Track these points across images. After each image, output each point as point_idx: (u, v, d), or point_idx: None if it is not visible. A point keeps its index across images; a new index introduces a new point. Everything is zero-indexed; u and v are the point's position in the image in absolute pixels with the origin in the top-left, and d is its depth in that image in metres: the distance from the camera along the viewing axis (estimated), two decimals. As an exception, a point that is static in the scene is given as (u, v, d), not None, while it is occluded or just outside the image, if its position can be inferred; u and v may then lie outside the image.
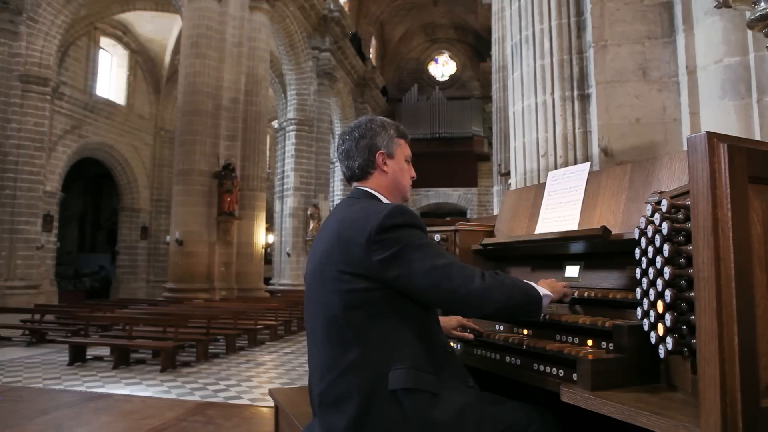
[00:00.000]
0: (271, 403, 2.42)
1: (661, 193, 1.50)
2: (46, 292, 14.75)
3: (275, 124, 21.83)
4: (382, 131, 1.71)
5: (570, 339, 1.69)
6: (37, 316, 10.36)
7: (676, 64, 2.84)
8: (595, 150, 2.98)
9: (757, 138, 2.34)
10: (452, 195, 28.86)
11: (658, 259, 1.28)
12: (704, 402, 1.04)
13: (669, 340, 1.23)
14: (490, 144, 18.75)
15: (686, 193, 1.28)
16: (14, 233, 14.02)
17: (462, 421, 1.41)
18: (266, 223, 16.22)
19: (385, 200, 1.66)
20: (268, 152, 18.95)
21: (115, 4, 18.40)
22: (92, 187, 23.83)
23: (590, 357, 1.43)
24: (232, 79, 14.34)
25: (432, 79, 32.55)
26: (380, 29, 31.03)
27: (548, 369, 1.58)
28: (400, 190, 1.72)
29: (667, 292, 1.23)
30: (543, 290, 1.60)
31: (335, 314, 1.48)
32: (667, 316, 1.23)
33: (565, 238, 1.88)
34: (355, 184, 1.72)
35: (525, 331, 1.90)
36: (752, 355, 1.03)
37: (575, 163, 3.08)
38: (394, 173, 1.70)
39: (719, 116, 2.52)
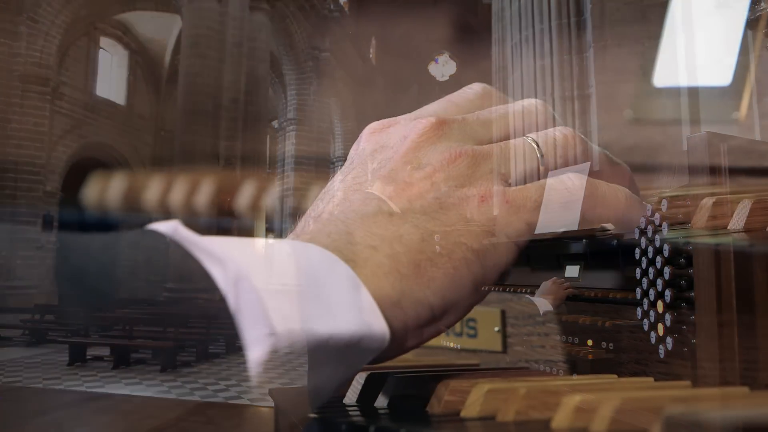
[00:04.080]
0: (271, 403, 2.42)
1: (661, 193, 1.50)
2: (46, 292, 14.75)
3: (275, 124, 21.83)
4: None
5: (570, 339, 1.69)
6: (37, 316, 10.36)
7: (676, 64, 2.84)
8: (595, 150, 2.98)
9: (757, 138, 2.34)
10: (452, 195, 28.84)
11: (658, 258, 1.28)
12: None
13: (669, 340, 1.23)
14: (490, 144, 18.73)
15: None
16: (14, 233, 14.02)
17: None
18: (266, 223, 16.21)
19: None
20: (268, 152, 18.95)
21: (115, 4, 18.39)
22: (92, 187, 23.82)
23: (590, 357, 1.43)
24: (232, 79, 14.34)
25: (432, 79, 32.55)
26: (380, 29, 31.03)
27: (548, 369, 1.58)
28: None
29: (667, 292, 1.23)
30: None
31: None
32: (667, 316, 1.23)
33: (565, 237, 1.88)
34: None
35: (525, 331, 1.90)
36: (752, 355, 1.03)
37: (575, 163, 3.08)
38: None
39: (719, 116, 2.52)
